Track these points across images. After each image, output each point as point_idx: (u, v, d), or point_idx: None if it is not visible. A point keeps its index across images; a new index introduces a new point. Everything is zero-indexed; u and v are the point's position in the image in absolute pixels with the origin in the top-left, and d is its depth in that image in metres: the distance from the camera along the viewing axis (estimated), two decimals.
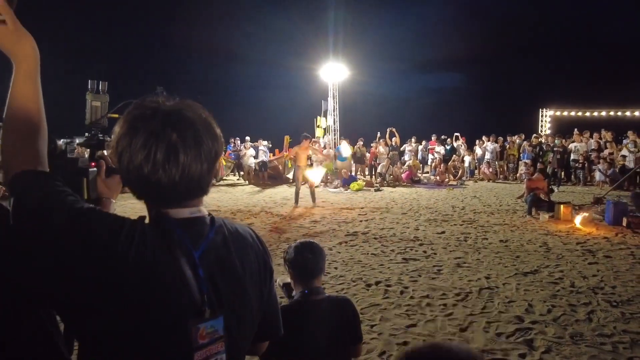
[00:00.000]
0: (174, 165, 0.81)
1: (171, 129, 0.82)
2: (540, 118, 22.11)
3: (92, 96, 1.39)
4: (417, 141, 17.78)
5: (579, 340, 3.22)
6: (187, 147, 0.82)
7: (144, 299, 0.79)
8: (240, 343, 0.93)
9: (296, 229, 7.27)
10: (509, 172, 15.97)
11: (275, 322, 1.08)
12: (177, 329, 0.81)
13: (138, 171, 0.82)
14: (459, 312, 3.76)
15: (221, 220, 0.95)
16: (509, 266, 5.10)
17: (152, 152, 0.81)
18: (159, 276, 0.80)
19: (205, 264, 0.86)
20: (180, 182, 0.83)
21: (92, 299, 0.77)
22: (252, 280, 0.96)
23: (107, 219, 0.82)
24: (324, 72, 18.81)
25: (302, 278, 1.86)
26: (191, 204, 0.89)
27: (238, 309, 0.91)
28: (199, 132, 0.85)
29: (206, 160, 0.86)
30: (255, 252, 0.99)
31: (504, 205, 9.87)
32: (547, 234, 6.84)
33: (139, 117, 0.84)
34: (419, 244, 6.20)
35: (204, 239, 0.88)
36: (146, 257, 0.79)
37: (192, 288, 0.83)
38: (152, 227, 0.84)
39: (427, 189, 13.26)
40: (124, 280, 0.78)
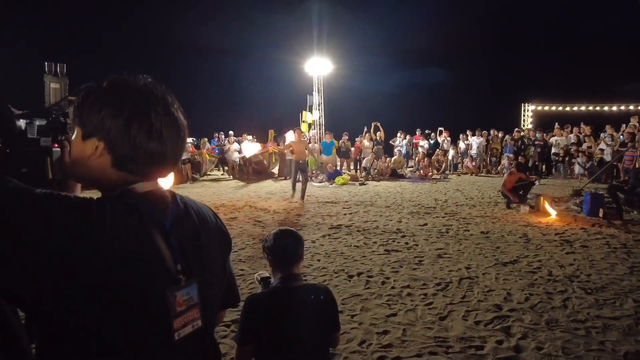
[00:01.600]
0: (161, 137, 0.87)
1: (156, 104, 0.88)
2: (523, 113, 22.45)
3: (50, 78, 1.35)
4: (404, 136, 17.86)
5: (554, 326, 3.29)
6: (169, 120, 0.90)
7: (123, 273, 0.78)
8: (211, 309, 0.96)
9: (280, 223, 7.25)
10: (492, 166, 16.19)
11: (235, 289, 1.15)
12: (156, 298, 0.83)
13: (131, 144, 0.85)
14: (439, 302, 3.80)
15: (178, 194, 0.97)
16: (489, 257, 5.17)
17: (154, 124, 0.86)
18: (135, 249, 0.81)
19: (175, 234, 0.88)
20: (167, 152, 0.89)
21: (72, 281, 0.74)
22: (215, 249, 0.99)
23: (73, 200, 0.79)
24: (309, 66, 18.76)
25: (281, 265, 1.86)
26: (155, 179, 0.92)
27: (207, 276, 0.94)
28: (176, 107, 0.92)
29: (183, 137, 0.93)
30: (214, 226, 1.03)
31: (485, 198, 10.01)
32: (527, 225, 6.96)
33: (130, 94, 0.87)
34: (401, 235, 6.24)
35: (170, 211, 0.90)
36: (120, 232, 0.79)
37: (165, 257, 0.85)
38: (119, 202, 0.84)
39: (410, 182, 13.36)
40: (100, 257, 0.76)
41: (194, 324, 0.88)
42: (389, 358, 2.86)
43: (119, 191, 0.87)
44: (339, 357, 2.86)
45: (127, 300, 0.79)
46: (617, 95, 20.98)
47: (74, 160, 0.91)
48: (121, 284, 0.78)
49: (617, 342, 3.04)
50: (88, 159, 0.88)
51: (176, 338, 0.85)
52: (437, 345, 3.02)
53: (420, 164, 15.37)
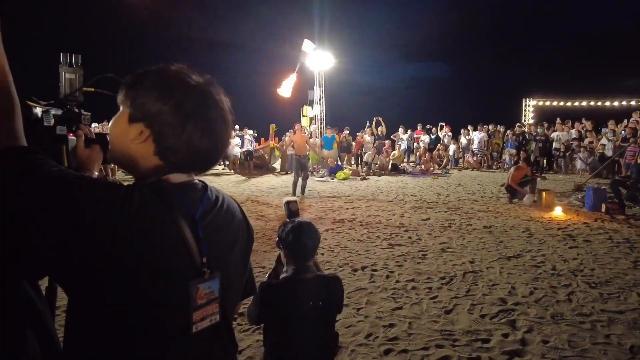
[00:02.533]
0: (222, 132, 0.90)
1: (217, 104, 0.90)
2: (524, 108, 22.42)
3: (65, 69, 1.34)
4: (404, 131, 17.85)
5: (560, 319, 3.30)
6: (227, 121, 0.92)
7: (146, 259, 0.78)
8: (230, 304, 0.96)
9: (282, 217, 7.24)
10: (493, 161, 16.18)
11: (253, 283, 1.14)
12: (178, 289, 0.82)
13: (185, 141, 0.86)
14: (443, 295, 3.81)
15: (210, 186, 0.97)
16: (492, 251, 5.18)
17: (210, 125, 0.87)
18: (160, 236, 0.80)
19: (203, 226, 0.87)
20: (214, 151, 0.90)
21: (96, 263, 0.75)
22: (240, 244, 0.99)
23: (102, 184, 0.80)
24: (309, 60, 18.68)
25: (297, 259, 1.88)
26: (187, 171, 0.92)
27: (230, 271, 0.93)
28: (230, 109, 0.94)
29: (229, 135, 0.95)
30: (239, 220, 1.02)
31: (487, 193, 10.01)
32: (529, 220, 6.96)
33: (191, 90, 0.88)
34: (404, 230, 6.25)
35: (201, 202, 0.90)
36: (147, 217, 0.79)
37: (192, 249, 0.84)
38: (151, 191, 0.83)
39: (412, 177, 13.35)
40: (125, 241, 0.76)
41: (212, 318, 0.88)
42: (396, 351, 2.87)
43: (153, 179, 0.86)
44: (346, 349, 2.88)
45: (147, 288, 0.79)
46: (619, 90, 20.93)
47: (113, 139, 0.90)
48: (143, 271, 0.78)
49: (622, 335, 3.05)
50: (130, 142, 0.87)
51: (194, 331, 0.84)
52: (444, 339, 3.03)
53: (422, 159, 15.36)
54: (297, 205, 2.12)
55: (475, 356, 2.80)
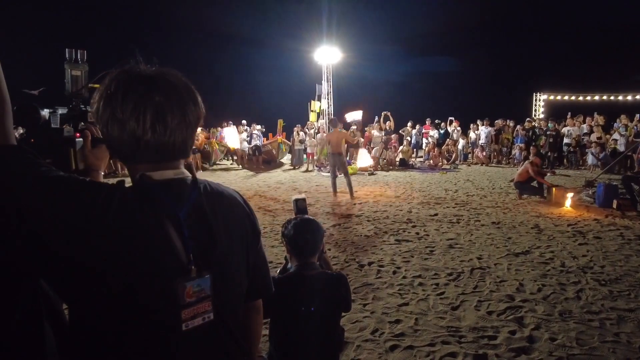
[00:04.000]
0: (162, 127, 0.84)
1: (157, 92, 0.84)
2: (534, 102, 22.14)
3: (71, 66, 1.35)
4: (413, 126, 17.73)
5: (568, 317, 3.27)
6: (173, 110, 0.85)
7: (127, 260, 0.79)
8: (228, 303, 0.94)
9: (290, 212, 7.26)
10: (503, 156, 16.02)
11: (265, 280, 1.11)
12: (164, 288, 0.82)
13: (128, 134, 0.83)
14: (450, 292, 3.80)
15: (205, 181, 0.96)
16: (500, 247, 5.15)
17: (141, 115, 0.82)
18: (141, 237, 0.80)
19: (190, 224, 0.86)
20: (168, 143, 0.86)
21: (75, 265, 0.76)
22: (238, 240, 0.97)
23: (83, 184, 0.81)
24: (318, 54, 18.60)
25: (299, 255, 1.88)
26: (174, 166, 0.90)
27: (225, 268, 0.92)
28: (183, 96, 0.88)
29: (190, 123, 0.88)
30: (242, 214, 1.01)
31: (496, 188, 9.93)
32: (539, 216, 6.90)
33: (124, 83, 0.84)
34: (411, 225, 6.23)
35: (187, 199, 0.89)
36: (126, 218, 0.79)
37: (177, 248, 0.84)
38: (133, 190, 0.84)
39: (420, 172, 13.29)
40: (104, 242, 0.77)
41: (204, 316, 0.87)
42: (402, 347, 2.87)
43: (137, 176, 0.87)
44: (352, 345, 2.88)
45: (131, 288, 0.79)
46: (632, 85, 20.48)
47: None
48: (125, 270, 0.79)
49: (632, 334, 3.02)
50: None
51: (184, 329, 0.84)
52: (450, 335, 3.02)
53: (430, 154, 15.27)
54: (305, 202, 2.13)
55: (482, 353, 2.79)
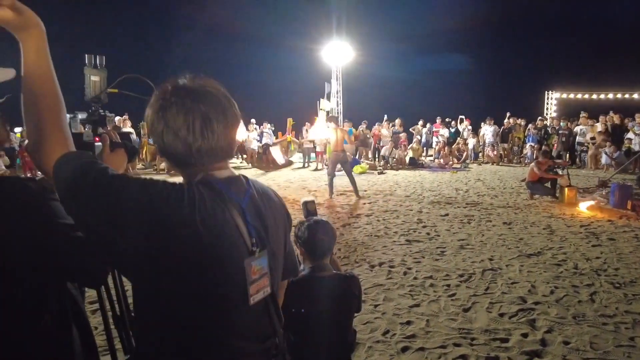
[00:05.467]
0: (210, 133, 0.95)
1: (202, 103, 0.95)
2: (546, 100, 21.87)
3: (90, 71, 1.37)
4: (424, 124, 17.62)
5: (581, 320, 3.24)
6: (218, 117, 0.96)
7: (210, 245, 0.92)
8: (276, 279, 1.09)
9: (299, 212, 7.27)
10: (514, 155, 15.85)
11: (295, 261, 1.28)
12: (237, 267, 0.96)
13: (182, 142, 0.94)
14: (462, 293, 3.78)
15: (250, 178, 1.11)
16: (512, 248, 5.11)
17: (191, 124, 0.93)
18: (220, 224, 0.94)
19: (249, 213, 1.01)
20: (217, 147, 0.97)
21: (169, 248, 0.89)
22: (280, 226, 1.13)
23: (168, 183, 0.93)
24: (327, 53, 18.59)
25: (313, 257, 1.90)
26: (225, 166, 1.04)
27: (274, 248, 1.07)
28: (223, 104, 0.99)
29: (232, 127, 1.00)
30: (279, 206, 1.16)
31: (507, 188, 9.84)
32: (551, 216, 6.82)
33: (173, 97, 0.94)
34: (422, 226, 6.21)
35: (245, 193, 1.04)
36: (208, 211, 0.92)
37: (243, 232, 0.98)
38: (204, 187, 0.96)
39: (430, 172, 13.22)
40: (193, 229, 0.89)
41: (264, 290, 1.01)
42: (413, 349, 2.87)
43: (200, 176, 0.98)
44: (364, 346, 2.89)
45: (213, 268, 0.93)
46: None
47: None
48: (209, 253, 0.92)
49: None
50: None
51: (251, 302, 0.98)
52: (461, 337, 3.01)
53: (441, 153, 15.17)
54: (314, 205, 2.15)
55: (494, 356, 2.78)
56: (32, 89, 0.95)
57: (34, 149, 0.97)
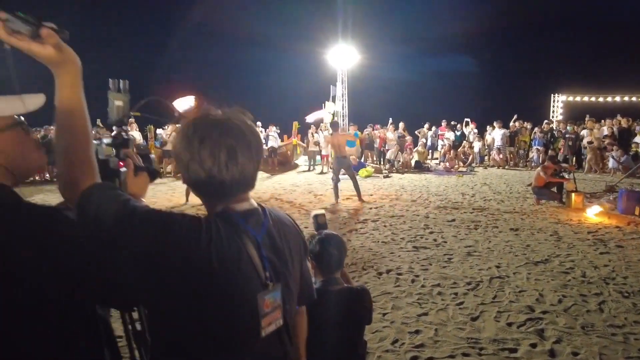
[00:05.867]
0: (234, 166, 0.96)
1: (228, 136, 0.96)
2: (552, 104, 21.78)
3: (114, 95, 1.41)
4: (429, 127, 17.62)
5: (590, 330, 3.25)
6: (242, 150, 0.98)
7: (225, 277, 0.93)
8: (290, 309, 1.10)
9: (305, 216, 7.32)
10: (520, 159, 15.81)
11: (311, 288, 1.27)
12: (250, 301, 0.98)
13: (207, 174, 0.95)
14: (470, 301, 3.79)
15: (267, 208, 1.11)
16: (519, 255, 5.11)
17: (217, 157, 0.95)
18: (235, 258, 0.96)
19: (265, 246, 1.02)
20: (240, 179, 0.98)
21: (183, 286, 0.90)
22: (295, 256, 1.14)
23: (186, 219, 0.95)
24: (332, 56, 18.63)
25: (324, 271, 1.93)
26: (246, 197, 1.05)
27: (288, 281, 1.08)
28: (248, 137, 1.00)
29: (256, 159, 1.01)
30: (295, 234, 1.17)
31: (514, 192, 9.82)
32: (557, 222, 6.81)
33: (200, 129, 0.96)
34: (429, 231, 6.22)
35: (262, 226, 1.05)
36: (224, 247, 0.94)
37: (258, 266, 0.99)
38: (222, 220, 0.98)
39: (436, 175, 13.21)
40: (208, 266, 0.91)
41: (276, 322, 1.03)
42: (422, 358, 2.89)
43: (219, 209, 1.01)
44: (373, 355, 2.91)
45: (226, 302, 0.94)
46: None
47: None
48: (222, 288, 0.93)
49: None
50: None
51: (263, 335, 0.99)
52: (470, 347, 3.03)
53: (446, 156, 15.16)
54: (325, 218, 2.17)
55: None
56: (63, 122, 0.99)
57: (61, 178, 1.00)
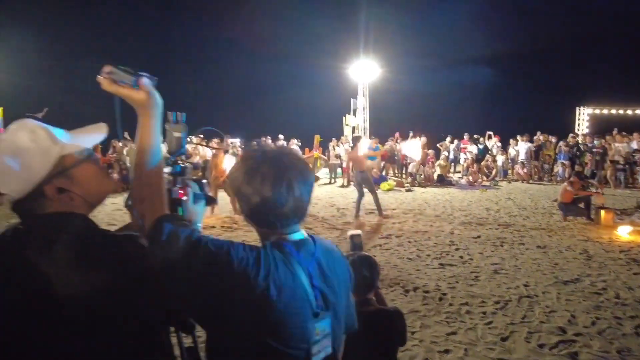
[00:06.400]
0: (292, 198, 1.03)
1: (286, 171, 1.04)
2: (578, 117, 21.34)
3: (172, 127, 1.50)
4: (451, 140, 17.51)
5: (627, 355, 3.18)
6: (298, 183, 1.04)
7: (279, 308, 0.97)
8: (338, 338, 1.15)
9: (329, 230, 7.37)
10: (544, 173, 15.51)
11: (353, 316, 1.29)
12: (301, 329, 1.01)
13: (266, 206, 1.02)
14: (499, 321, 3.76)
15: (317, 238, 1.16)
16: (547, 274, 5.03)
17: (277, 190, 1.01)
18: (290, 289, 1.00)
19: (315, 275, 1.07)
20: (295, 211, 1.05)
21: (242, 312, 0.96)
22: (342, 285, 1.17)
23: (246, 249, 1.00)
24: (353, 70, 18.79)
25: (356, 292, 1.96)
26: (298, 228, 1.10)
27: (336, 310, 1.12)
28: (303, 171, 1.07)
29: (309, 191, 1.08)
30: (342, 264, 1.21)
31: (539, 208, 9.65)
32: (587, 240, 6.67)
33: (260, 165, 1.04)
34: (454, 248, 6.18)
35: (312, 256, 1.09)
36: (280, 276, 0.99)
37: (309, 295, 1.04)
38: (276, 251, 1.03)
39: (459, 189, 13.09)
40: (266, 294, 0.96)
41: (326, 350, 1.06)
42: None
43: (273, 239, 1.06)
44: None
45: (280, 329, 0.98)
46: None
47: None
48: (277, 315, 0.97)
49: None
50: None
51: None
52: None
53: (469, 170, 15.00)
54: (360, 238, 2.21)
55: None
56: (142, 159, 1.08)
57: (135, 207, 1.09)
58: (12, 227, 1.05)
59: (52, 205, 1.02)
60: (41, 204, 1.02)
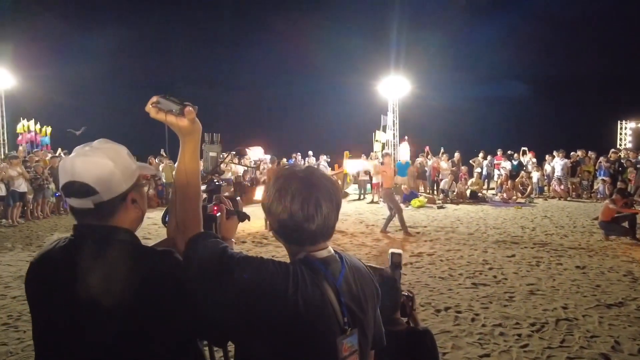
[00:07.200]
0: (320, 216, 1.06)
1: (314, 190, 1.07)
2: (619, 131, 20.47)
3: (208, 147, 1.58)
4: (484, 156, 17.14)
5: None
6: (326, 202, 1.08)
7: (308, 324, 1.00)
8: (366, 354, 1.15)
9: (358, 247, 7.33)
10: (583, 190, 14.86)
11: (382, 333, 1.29)
12: (330, 345, 1.03)
13: (295, 224, 1.05)
14: (535, 344, 3.62)
15: (344, 255, 1.18)
16: (588, 296, 4.81)
17: (306, 209, 1.05)
18: (317, 304, 1.02)
19: (343, 292, 1.08)
20: (323, 229, 1.08)
21: (271, 328, 0.99)
22: (370, 302, 1.19)
23: (275, 266, 1.04)
24: (383, 86, 18.85)
25: (382, 311, 1.96)
26: (325, 246, 1.12)
27: (364, 326, 1.13)
28: (330, 190, 1.11)
29: (336, 210, 1.11)
30: (369, 281, 1.22)
31: (578, 226, 9.25)
32: (632, 261, 6.33)
33: (290, 184, 1.08)
34: (488, 267, 6.01)
35: (340, 273, 1.11)
36: (308, 292, 1.02)
37: (337, 312, 1.06)
38: (305, 267, 1.06)
39: (493, 207, 12.74)
40: (295, 311, 0.99)
41: None
42: None
43: (302, 255, 1.09)
44: None
45: (308, 344, 1.01)
46: None
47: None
48: (306, 331, 1.00)
49: None
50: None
51: None
52: None
53: (503, 187, 14.60)
54: (400, 257, 2.19)
55: None
56: (182, 181, 1.16)
57: (173, 223, 1.18)
58: (65, 237, 1.15)
59: (126, 211, 1.15)
60: (119, 209, 1.13)
